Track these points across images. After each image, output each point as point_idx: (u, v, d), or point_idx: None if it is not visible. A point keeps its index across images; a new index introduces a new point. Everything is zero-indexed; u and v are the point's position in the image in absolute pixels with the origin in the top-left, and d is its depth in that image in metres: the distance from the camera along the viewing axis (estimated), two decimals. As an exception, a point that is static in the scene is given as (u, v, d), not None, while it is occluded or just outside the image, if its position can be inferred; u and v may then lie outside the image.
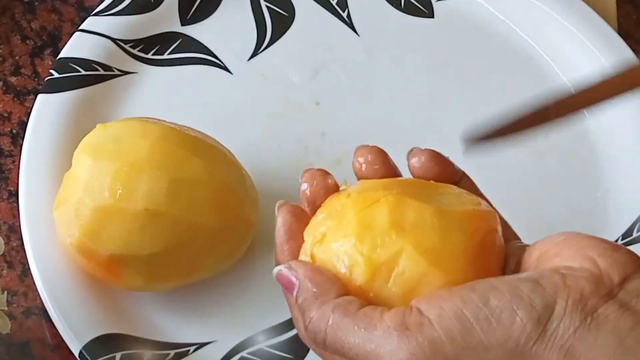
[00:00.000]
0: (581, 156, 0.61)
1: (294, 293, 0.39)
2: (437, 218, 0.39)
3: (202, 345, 0.53)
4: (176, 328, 0.53)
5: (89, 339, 0.50)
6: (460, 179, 0.44)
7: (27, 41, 0.64)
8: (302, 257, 0.41)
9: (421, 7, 0.66)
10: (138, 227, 0.48)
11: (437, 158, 0.43)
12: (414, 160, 0.43)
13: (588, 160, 0.61)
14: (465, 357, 0.35)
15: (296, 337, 0.53)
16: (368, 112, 0.61)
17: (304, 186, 0.43)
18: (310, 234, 0.40)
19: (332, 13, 0.65)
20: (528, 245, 0.40)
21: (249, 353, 0.53)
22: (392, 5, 0.66)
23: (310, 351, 0.53)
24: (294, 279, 0.39)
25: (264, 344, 0.53)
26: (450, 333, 0.35)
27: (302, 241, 0.41)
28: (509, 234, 0.42)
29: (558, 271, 0.36)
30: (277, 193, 0.58)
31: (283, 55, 0.63)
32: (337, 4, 0.66)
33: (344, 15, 0.65)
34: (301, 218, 0.42)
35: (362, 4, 0.66)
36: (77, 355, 0.50)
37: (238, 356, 0.53)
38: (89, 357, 0.49)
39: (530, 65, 0.64)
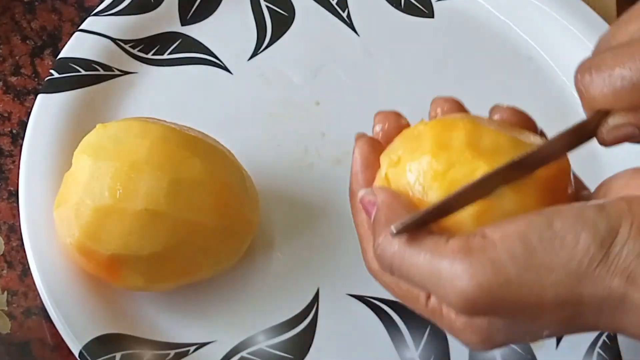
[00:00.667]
0: (581, 156, 0.61)
1: (372, 215, 0.40)
2: (514, 145, 0.39)
3: (202, 345, 0.53)
4: (176, 328, 0.53)
5: (89, 339, 0.50)
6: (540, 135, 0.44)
7: (27, 41, 0.64)
8: (377, 181, 0.41)
9: (421, 7, 0.66)
10: (138, 227, 0.48)
11: (519, 114, 0.43)
12: (497, 117, 0.43)
13: (588, 160, 0.61)
14: (527, 278, 0.35)
15: (296, 337, 0.53)
16: (368, 112, 0.61)
17: (378, 127, 0.44)
18: (386, 157, 0.41)
19: (332, 13, 0.65)
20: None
21: (249, 353, 0.53)
22: (392, 5, 0.66)
23: (310, 351, 0.53)
24: (373, 202, 0.40)
25: (264, 344, 0.53)
26: (513, 254, 0.35)
27: (377, 170, 0.42)
28: (579, 184, 0.43)
29: (624, 199, 0.36)
30: (277, 193, 0.58)
31: (283, 55, 0.63)
32: (337, 4, 0.66)
33: (344, 15, 0.65)
34: (378, 149, 0.43)
35: (362, 4, 0.66)
36: (77, 355, 0.50)
37: (238, 356, 0.53)
38: (89, 357, 0.49)
39: (530, 65, 0.64)
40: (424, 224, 0.38)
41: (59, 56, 0.60)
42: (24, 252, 0.53)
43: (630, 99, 0.38)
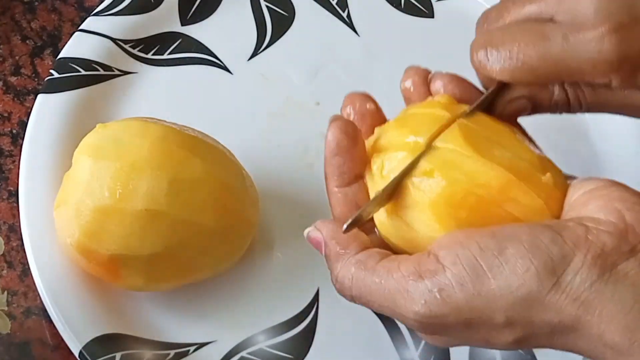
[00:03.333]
0: (581, 156, 0.61)
1: (322, 252, 0.41)
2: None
3: (202, 345, 0.53)
4: (176, 328, 0.53)
5: (89, 339, 0.50)
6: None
7: (27, 41, 0.64)
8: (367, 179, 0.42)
9: (421, 7, 0.66)
10: (138, 227, 0.48)
11: (458, 81, 0.44)
12: (437, 84, 0.44)
13: (588, 160, 0.61)
14: (477, 304, 0.36)
15: (296, 337, 0.53)
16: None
17: (348, 109, 0.45)
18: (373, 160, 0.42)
19: (332, 13, 0.65)
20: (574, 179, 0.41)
21: (249, 353, 0.53)
22: (392, 5, 0.66)
23: (310, 351, 0.53)
24: (320, 238, 0.41)
25: (264, 344, 0.53)
26: (462, 280, 0.36)
27: (351, 157, 0.42)
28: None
29: (582, 223, 0.36)
30: (277, 193, 0.58)
31: (283, 55, 0.63)
32: (337, 4, 0.66)
33: (344, 15, 0.65)
34: (352, 135, 0.43)
35: (362, 4, 0.66)
36: (77, 355, 0.50)
37: (238, 356, 0.53)
38: (89, 357, 0.49)
39: (530, 65, 0.64)
40: (367, 217, 0.40)
41: (59, 56, 0.60)
42: (24, 252, 0.53)
43: (527, 77, 0.41)
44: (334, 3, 0.66)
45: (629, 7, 0.40)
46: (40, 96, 0.58)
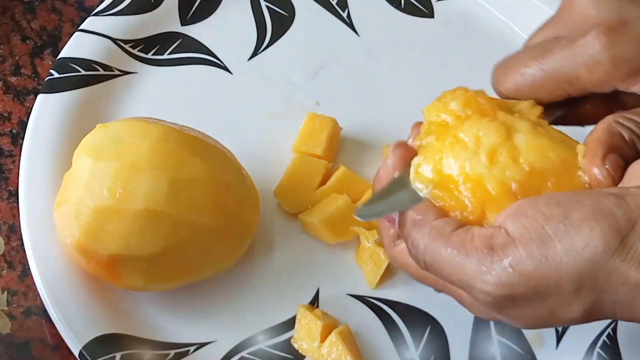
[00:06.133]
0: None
1: (395, 222, 0.42)
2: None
3: (202, 345, 0.53)
4: (176, 328, 0.53)
5: (89, 339, 0.50)
6: None
7: (27, 41, 0.64)
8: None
9: (421, 7, 0.66)
10: (138, 227, 0.48)
11: None
12: None
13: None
14: (545, 270, 0.36)
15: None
16: (368, 112, 0.61)
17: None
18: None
19: (332, 13, 0.65)
20: None
21: (249, 353, 0.53)
22: (392, 5, 0.66)
23: (310, 351, 0.53)
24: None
25: (264, 344, 0.53)
26: (530, 249, 0.36)
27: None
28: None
29: None
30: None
31: (283, 55, 0.63)
32: (337, 4, 0.66)
33: (344, 15, 0.65)
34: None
35: (362, 4, 0.66)
36: (77, 355, 0.50)
37: (238, 356, 0.53)
38: (89, 357, 0.49)
39: (530, 65, 0.64)
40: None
41: (59, 56, 0.60)
42: (24, 252, 0.53)
43: (531, 91, 0.45)
44: (334, 3, 0.66)
45: (618, 11, 0.42)
46: (40, 96, 0.58)
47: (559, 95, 0.45)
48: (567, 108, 0.46)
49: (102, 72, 0.60)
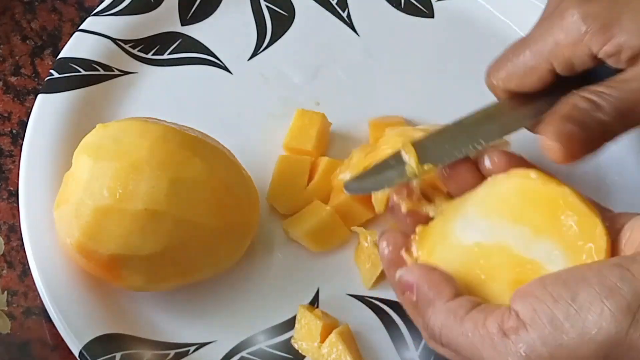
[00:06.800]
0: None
1: (414, 296, 0.42)
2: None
3: (202, 345, 0.53)
4: (176, 328, 0.53)
5: (89, 339, 0.50)
6: None
7: (27, 41, 0.64)
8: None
9: (421, 7, 0.66)
10: (138, 227, 0.48)
11: (510, 156, 0.45)
12: (489, 162, 0.46)
13: (588, 161, 0.61)
14: (560, 355, 0.36)
15: (296, 337, 0.53)
16: (368, 112, 0.61)
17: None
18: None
19: (332, 13, 0.65)
20: (618, 215, 0.42)
21: (249, 353, 0.53)
22: (392, 5, 0.66)
23: (310, 351, 0.53)
24: (412, 282, 0.42)
25: (264, 344, 0.53)
26: (543, 335, 0.36)
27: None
28: (598, 208, 0.43)
29: None
30: (277, 193, 0.58)
31: (283, 55, 0.63)
32: (337, 4, 0.66)
33: (344, 15, 0.65)
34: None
35: (362, 4, 0.66)
36: (77, 355, 0.50)
37: (238, 356, 0.53)
38: (89, 357, 0.49)
39: (530, 65, 0.64)
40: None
41: (59, 56, 0.60)
42: (24, 252, 0.53)
43: (520, 79, 0.47)
44: (334, 3, 0.66)
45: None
46: (40, 96, 0.58)
47: (548, 77, 0.46)
48: (556, 98, 0.46)
49: (102, 72, 0.60)
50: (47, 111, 0.57)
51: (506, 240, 0.42)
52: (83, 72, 0.59)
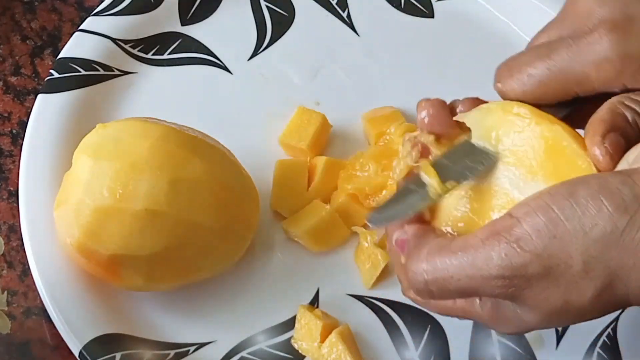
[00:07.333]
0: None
1: (404, 255, 0.41)
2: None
3: (202, 345, 0.53)
4: (176, 328, 0.53)
5: (89, 339, 0.50)
6: None
7: (27, 41, 0.64)
8: None
9: (421, 7, 0.66)
10: (138, 227, 0.48)
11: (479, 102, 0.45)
12: (460, 108, 0.45)
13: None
14: (554, 248, 0.36)
15: (296, 337, 0.53)
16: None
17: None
18: None
19: (332, 13, 0.65)
20: None
21: (249, 353, 0.53)
22: (392, 5, 0.66)
23: (310, 351, 0.53)
24: (404, 239, 0.41)
25: (264, 344, 0.53)
26: (537, 226, 0.36)
27: None
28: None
29: None
30: (277, 193, 0.58)
31: (283, 55, 0.63)
32: (337, 4, 0.66)
33: (344, 15, 0.65)
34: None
35: (362, 4, 0.66)
36: (77, 355, 0.50)
37: (238, 356, 0.53)
38: (89, 357, 0.49)
39: (530, 65, 0.64)
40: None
41: (59, 56, 0.60)
42: (24, 252, 0.53)
43: (537, 92, 0.44)
44: (334, 3, 0.66)
45: (622, 7, 0.41)
46: (40, 96, 0.58)
47: (566, 95, 0.44)
48: (572, 108, 0.45)
49: (102, 72, 0.60)
50: (47, 111, 0.57)
51: (500, 182, 0.42)
52: (83, 72, 0.59)
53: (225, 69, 0.62)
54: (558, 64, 0.43)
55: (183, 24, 0.63)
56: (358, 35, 0.65)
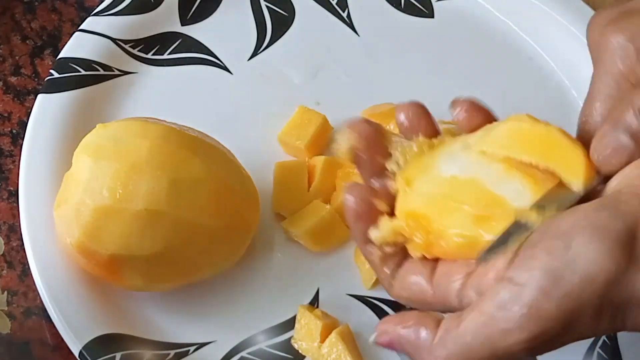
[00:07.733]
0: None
1: (397, 349, 0.40)
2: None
3: (202, 345, 0.53)
4: (176, 328, 0.53)
5: (89, 339, 0.50)
6: None
7: (27, 41, 0.64)
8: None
9: (421, 7, 0.66)
10: (138, 227, 0.48)
11: (479, 108, 0.44)
12: (458, 110, 0.45)
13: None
14: (568, 305, 0.35)
15: (296, 337, 0.53)
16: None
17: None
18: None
19: (332, 13, 0.65)
20: None
21: (249, 353, 0.53)
22: (392, 5, 0.66)
23: (310, 351, 0.53)
24: (391, 338, 0.40)
25: (264, 344, 0.53)
26: (544, 289, 0.35)
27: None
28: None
29: (636, 194, 0.36)
30: (277, 193, 0.58)
31: (283, 55, 0.63)
32: (337, 4, 0.66)
33: (344, 15, 0.65)
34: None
35: (362, 4, 0.66)
36: (77, 355, 0.50)
37: (238, 356, 0.53)
38: (89, 357, 0.49)
39: (530, 65, 0.64)
40: None
41: (59, 56, 0.60)
42: (24, 252, 0.53)
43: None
44: (334, 3, 0.66)
45: None
46: (40, 96, 0.58)
47: None
48: None
49: (102, 72, 0.60)
50: (47, 111, 0.57)
51: (480, 175, 0.41)
52: (83, 72, 0.59)
53: (225, 69, 0.62)
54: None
55: (183, 24, 0.63)
56: (358, 35, 0.65)
